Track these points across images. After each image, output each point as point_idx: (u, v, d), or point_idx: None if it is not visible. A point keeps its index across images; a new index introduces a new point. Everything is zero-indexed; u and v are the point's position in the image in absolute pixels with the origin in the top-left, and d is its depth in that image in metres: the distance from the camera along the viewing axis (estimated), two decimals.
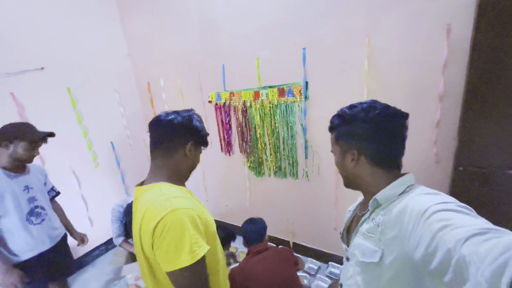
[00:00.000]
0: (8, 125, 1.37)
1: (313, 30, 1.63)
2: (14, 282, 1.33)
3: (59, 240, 1.60)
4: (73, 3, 2.26)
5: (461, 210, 0.48)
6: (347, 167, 0.71)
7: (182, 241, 0.65)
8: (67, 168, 2.28)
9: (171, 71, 2.47)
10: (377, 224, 0.62)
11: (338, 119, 0.71)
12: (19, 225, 1.40)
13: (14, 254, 1.40)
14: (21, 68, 1.98)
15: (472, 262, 0.36)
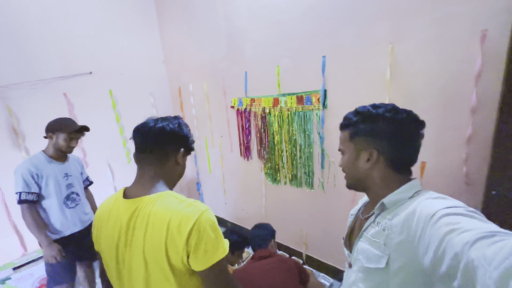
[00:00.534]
0: (54, 119, 1.60)
1: (333, 38, 1.60)
2: (54, 254, 1.52)
3: (88, 225, 1.79)
4: (118, 16, 2.56)
5: (470, 214, 0.47)
6: (359, 167, 0.68)
7: (218, 238, 0.69)
8: (104, 161, 2.55)
9: (199, 77, 2.63)
10: (383, 229, 0.61)
11: (358, 116, 0.68)
12: (57, 206, 1.61)
13: (50, 232, 1.61)
14: (73, 72, 2.29)
15: (480, 266, 0.36)
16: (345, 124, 0.72)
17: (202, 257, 0.66)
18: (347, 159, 0.71)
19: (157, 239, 0.67)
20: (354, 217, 0.81)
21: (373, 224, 0.66)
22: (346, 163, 0.72)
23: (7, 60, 1.96)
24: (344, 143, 0.72)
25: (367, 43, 1.48)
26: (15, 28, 1.98)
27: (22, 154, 2.06)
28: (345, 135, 0.72)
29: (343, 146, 0.73)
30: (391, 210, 0.62)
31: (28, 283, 1.91)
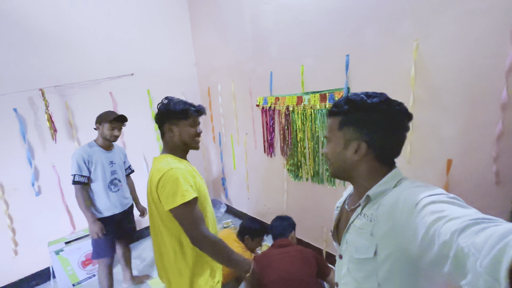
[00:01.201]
0: (100, 113, 1.85)
1: (356, 37, 1.63)
2: (97, 231, 1.76)
3: (127, 208, 2.01)
4: (157, 24, 2.83)
5: (452, 201, 0.48)
6: (346, 158, 0.66)
7: (177, 189, 0.93)
8: (140, 154, 2.82)
9: (227, 78, 2.79)
10: (370, 219, 0.62)
11: (349, 104, 0.65)
12: (102, 189, 1.84)
13: (96, 211, 1.84)
14: (118, 74, 2.59)
15: (470, 254, 0.36)
16: (334, 111, 0.68)
17: (166, 200, 0.94)
18: (333, 148, 0.69)
19: (149, 186, 1.03)
20: (340, 209, 0.80)
21: (360, 216, 0.66)
22: (332, 152, 0.70)
23: (66, 63, 2.30)
24: (332, 131, 0.69)
25: (391, 40, 1.49)
26: (71, 36, 2.31)
27: (75, 144, 2.38)
28: (333, 122, 0.68)
29: (330, 134, 0.70)
30: (376, 201, 0.62)
31: (76, 255, 2.19)
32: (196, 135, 1.08)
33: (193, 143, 1.08)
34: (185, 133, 1.05)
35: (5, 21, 2.00)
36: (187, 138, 1.06)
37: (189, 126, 1.06)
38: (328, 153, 0.71)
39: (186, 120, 1.05)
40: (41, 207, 2.24)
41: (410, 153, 1.53)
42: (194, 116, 1.06)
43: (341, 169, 0.70)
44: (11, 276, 2.16)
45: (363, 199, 0.65)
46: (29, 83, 2.11)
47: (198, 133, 1.09)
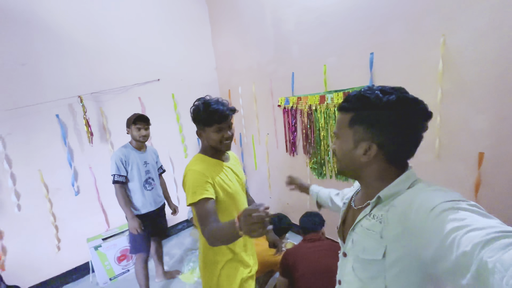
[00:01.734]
0: (129, 117, 1.97)
1: (381, 35, 1.67)
2: (136, 226, 1.87)
3: (160, 206, 2.12)
4: (179, 31, 2.97)
5: (473, 209, 0.46)
6: (354, 157, 0.63)
7: (188, 190, 1.04)
8: (166, 155, 2.95)
9: (247, 80, 2.88)
10: (380, 221, 0.59)
11: (362, 100, 0.60)
12: (138, 188, 1.96)
13: (133, 208, 1.96)
14: (146, 80, 2.74)
15: (496, 270, 0.35)
16: (345, 107, 0.64)
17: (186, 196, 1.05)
18: (341, 145, 0.65)
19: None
20: (346, 206, 0.78)
21: (368, 217, 0.63)
22: (340, 149, 0.66)
23: (100, 71, 2.47)
24: (342, 129, 0.65)
25: (416, 36, 1.52)
26: (105, 46, 2.48)
27: (109, 147, 2.54)
28: (343, 118, 0.64)
29: (339, 130, 0.66)
30: (387, 202, 0.60)
31: (112, 251, 2.33)
32: (220, 140, 1.08)
33: (220, 147, 1.10)
34: (210, 139, 1.09)
35: (48, 35, 2.19)
36: (213, 144, 1.09)
37: (213, 132, 1.07)
38: (336, 149, 0.69)
39: (210, 127, 1.07)
40: (80, 206, 2.41)
41: (439, 147, 1.54)
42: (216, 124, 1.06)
43: (349, 168, 0.67)
44: (55, 270, 2.32)
45: (374, 200, 0.62)
46: (69, 90, 2.29)
47: (225, 137, 1.09)
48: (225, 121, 1.07)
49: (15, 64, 2.07)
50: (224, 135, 1.08)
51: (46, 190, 2.23)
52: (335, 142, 0.68)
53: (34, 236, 2.20)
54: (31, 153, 2.17)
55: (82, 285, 2.37)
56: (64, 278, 2.37)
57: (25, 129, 2.13)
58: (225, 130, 1.09)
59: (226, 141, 1.10)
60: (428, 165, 1.60)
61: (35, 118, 2.16)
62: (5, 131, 2.06)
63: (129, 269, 2.44)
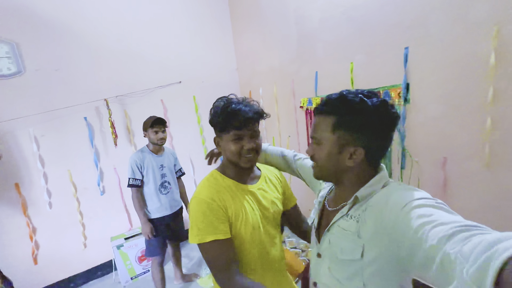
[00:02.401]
0: (145, 120, 1.96)
1: (418, 28, 1.49)
2: (147, 232, 1.87)
3: (177, 210, 2.10)
4: (200, 33, 2.97)
5: (440, 206, 0.49)
6: (339, 163, 0.62)
7: (192, 224, 0.80)
8: (187, 157, 2.96)
9: (268, 81, 2.79)
10: (357, 220, 0.61)
11: (346, 104, 0.59)
12: (153, 192, 1.96)
13: (148, 212, 1.96)
14: (168, 82, 2.77)
15: (457, 261, 0.37)
16: (327, 111, 0.62)
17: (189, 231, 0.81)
18: (325, 152, 0.63)
19: None
20: (321, 206, 0.77)
21: (345, 217, 0.64)
22: (321, 155, 0.64)
23: (126, 75, 2.54)
24: (323, 133, 0.63)
25: (462, 28, 1.32)
26: (130, 50, 2.55)
27: (132, 149, 2.60)
28: (324, 122, 0.62)
29: (319, 135, 0.63)
30: (363, 202, 0.62)
31: (134, 251, 2.38)
32: (239, 152, 0.81)
33: (239, 161, 0.82)
34: (227, 150, 0.82)
35: (80, 42, 2.29)
36: (230, 156, 0.82)
37: (230, 141, 0.81)
38: (316, 156, 0.66)
39: (227, 134, 0.81)
40: (105, 205, 2.49)
41: (489, 154, 1.33)
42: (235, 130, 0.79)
43: (330, 173, 0.66)
44: (81, 266, 2.42)
45: (351, 200, 0.63)
46: (96, 94, 2.38)
47: (247, 148, 0.80)
48: (247, 127, 0.80)
49: (49, 69, 2.19)
50: (245, 146, 0.80)
51: (74, 189, 2.34)
52: (314, 147, 0.66)
53: (63, 233, 2.31)
54: (62, 154, 2.28)
55: (105, 282, 2.44)
56: (90, 274, 2.46)
57: (57, 131, 2.25)
58: (247, 140, 0.81)
59: (247, 154, 0.81)
60: (474, 175, 1.39)
61: (66, 121, 2.27)
62: (40, 132, 2.18)
63: (149, 269, 2.47)
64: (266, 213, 0.89)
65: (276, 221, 0.93)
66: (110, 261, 2.51)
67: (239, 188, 0.86)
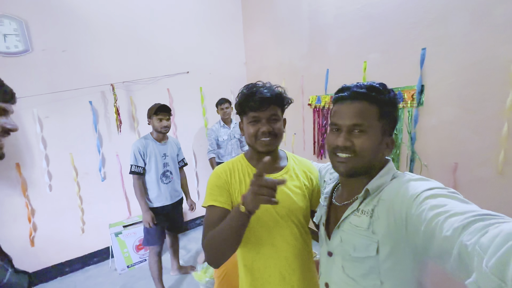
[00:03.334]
0: (150, 107, 1.92)
1: (438, 27, 1.45)
2: (148, 220, 1.85)
3: (177, 201, 2.07)
4: (211, 24, 2.93)
5: (453, 195, 0.47)
6: (378, 153, 0.61)
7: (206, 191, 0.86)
8: (190, 148, 2.93)
9: (277, 76, 2.75)
10: (370, 216, 0.59)
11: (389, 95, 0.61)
12: (154, 180, 1.93)
13: (148, 201, 1.93)
14: (176, 71, 2.74)
15: (475, 253, 0.36)
16: (371, 97, 0.59)
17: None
18: (372, 140, 0.59)
19: None
20: (327, 202, 0.74)
21: (356, 212, 0.62)
22: (370, 145, 0.59)
23: (133, 61, 2.50)
24: (371, 120, 0.59)
25: (484, 29, 1.28)
26: (139, 36, 2.51)
27: (136, 136, 2.57)
28: (371, 110, 0.59)
29: (368, 123, 0.59)
30: (374, 195, 0.60)
31: (132, 239, 2.36)
32: (255, 134, 0.80)
33: (256, 145, 0.81)
34: (246, 133, 0.84)
35: (88, 24, 2.26)
36: (247, 140, 0.84)
37: (248, 124, 0.82)
38: (357, 145, 0.60)
39: (245, 116, 0.83)
40: (105, 192, 2.47)
41: (503, 161, 1.29)
42: (251, 112, 0.80)
43: (367, 165, 0.62)
44: (78, 251, 2.41)
45: (362, 194, 0.61)
46: (103, 78, 2.35)
47: (263, 131, 0.79)
48: (264, 109, 0.78)
49: (56, 50, 2.16)
50: (261, 129, 0.78)
51: (75, 173, 2.31)
52: (353, 137, 0.61)
53: (62, 217, 2.29)
54: (65, 137, 2.25)
55: (101, 269, 2.43)
56: (86, 260, 2.44)
57: (61, 113, 2.22)
58: (264, 122, 0.79)
59: (263, 137, 0.79)
60: (487, 182, 1.35)
61: (71, 103, 2.24)
62: (44, 113, 2.16)
63: (146, 259, 2.45)
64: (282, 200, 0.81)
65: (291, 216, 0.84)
66: (107, 248, 2.49)
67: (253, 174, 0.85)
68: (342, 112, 0.62)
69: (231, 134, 2.68)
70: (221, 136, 2.65)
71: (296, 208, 0.84)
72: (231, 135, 2.68)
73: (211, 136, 2.64)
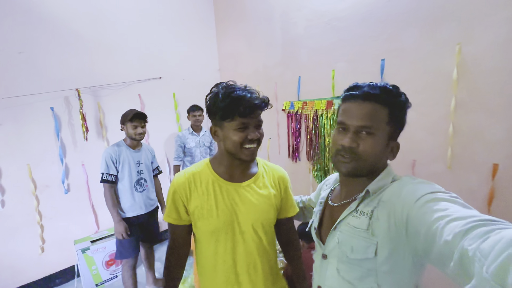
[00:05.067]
0: (123, 113, 1.84)
1: (393, 42, 1.65)
2: (121, 231, 1.74)
3: (152, 210, 1.99)
4: (184, 29, 2.93)
5: (454, 200, 0.47)
6: (383, 157, 0.61)
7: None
8: (164, 155, 2.84)
9: (252, 83, 2.77)
10: (369, 217, 0.58)
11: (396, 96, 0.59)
12: (128, 189, 1.84)
13: (120, 211, 1.83)
14: (147, 77, 2.66)
15: (476, 259, 0.35)
16: (383, 99, 0.58)
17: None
18: (379, 143, 0.58)
19: None
20: (322, 205, 0.74)
21: (354, 213, 0.61)
22: (375, 148, 0.58)
23: (101, 65, 2.38)
24: (379, 123, 0.58)
25: (431, 44, 1.50)
26: (108, 40, 2.41)
27: (104, 144, 2.43)
28: (381, 112, 0.58)
29: (376, 125, 0.57)
30: (373, 197, 0.59)
31: (101, 255, 2.19)
32: (242, 142, 0.76)
33: (240, 153, 0.77)
34: (228, 140, 0.77)
35: (48, 23, 2.10)
36: (230, 147, 0.77)
37: (234, 130, 0.75)
38: (362, 147, 0.58)
39: (230, 122, 0.75)
40: (69, 205, 2.27)
41: (451, 157, 1.50)
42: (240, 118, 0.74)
43: (369, 167, 0.60)
44: (37, 273, 2.16)
45: (361, 195, 0.60)
46: (66, 83, 2.19)
47: (251, 139, 0.76)
48: (253, 116, 0.75)
49: (12, 51, 1.97)
50: (249, 136, 0.75)
51: (33, 186, 2.10)
52: (358, 139, 0.59)
53: (17, 236, 2.05)
54: (21, 146, 2.04)
55: None
56: (47, 282, 2.20)
57: (17, 120, 2.01)
58: (252, 129, 0.76)
59: (249, 144, 0.76)
60: (438, 176, 1.55)
61: (29, 110, 2.05)
62: None
63: (117, 275, 2.29)
64: (247, 213, 0.80)
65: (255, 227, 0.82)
66: (73, 266, 2.28)
67: (218, 185, 0.82)
68: (352, 112, 0.60)
69: (200, 141, 2.62)
70: (188, 143, 2.58)
71: (264, 218, 0.83)
72: (200, 142, 2.62)
73: (177, 143, 2.58)
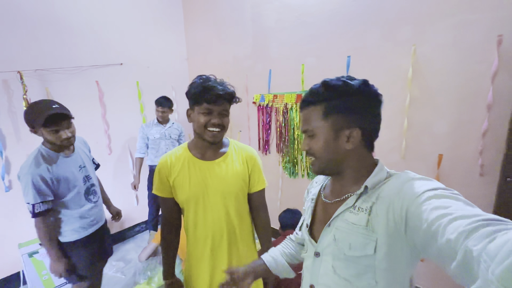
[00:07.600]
0: (27, 108, 1.25)
1: (358, 40, 1.75)
2: (60, 271, 1.34)
3: (104, 222, 1.55)
4: (149, 13, 2.72)
5: (456, 197, 0.46)
6: (339, 149, 0.61)
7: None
8: (126, 148, 2.65)
9: (222, 74, 2.73)
10: (368, 213, 0.57)
11: (331, 89, 0.60)
12: (78, 206, 1.37)
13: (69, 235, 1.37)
14: (106, 62, 2.43)
15: (481, 260, 0.35)
16: (312, 101, 0.62)
17: None
18: (322, 141, 0.62)
19: None
20: (313, 201, 0.73)
21: (352, 209, 0.60)
22: (319, 146, 0.62)
23: (50, 46, 2.10)
24: (315, 123, 0.62)
25: (390, 44, 1.62)
26: (59, 17, 2.13)
27: None
28: (314, 113, 0.62)
29: (312, 127, 0.63)
30: (371, 193, 0.59)
31: None
32: (205, 124, 0.91)
33: (204, 134, 0.93)
34: (196, 122, 0.93)
35: None
36: (197, 128, 0.94)
37: (200, 113, 0.91)
38: (312, 148, 0.64)
39: (199, 106, 0.91)
40: (12, 204, 1.99)
41: (405, 149, 1.66)
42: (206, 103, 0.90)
43: (332, 163, 0.63)
44: None
45: (359, 191, 0.60)
46: (5, 64, 1.88)
47: (213, 123, 0.91)
48: (218, 104, 0.90)
49: None
50: (212, 120, 0.91)
51: None
52: (309, 141, 0.64)
53: None
54: None
55: None
56: None
57: None
58: (215, 115, 0.91)
59: (212, 127, 0.91)
60: (394, 165, 1.71)
61: None
62: None
63: None
64: (217, 185, 0.98)
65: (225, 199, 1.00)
66: (17, 273, 2.02)
67: (193, 162, 0.99)
68: (300, 120, 0.68)
69: (165, 133, 2.45)
70: (152, 135, 2.41)
71: (230, 191, 1.00)
72: (166, 134, 2.46)
73: (139, 134, 2.43)
